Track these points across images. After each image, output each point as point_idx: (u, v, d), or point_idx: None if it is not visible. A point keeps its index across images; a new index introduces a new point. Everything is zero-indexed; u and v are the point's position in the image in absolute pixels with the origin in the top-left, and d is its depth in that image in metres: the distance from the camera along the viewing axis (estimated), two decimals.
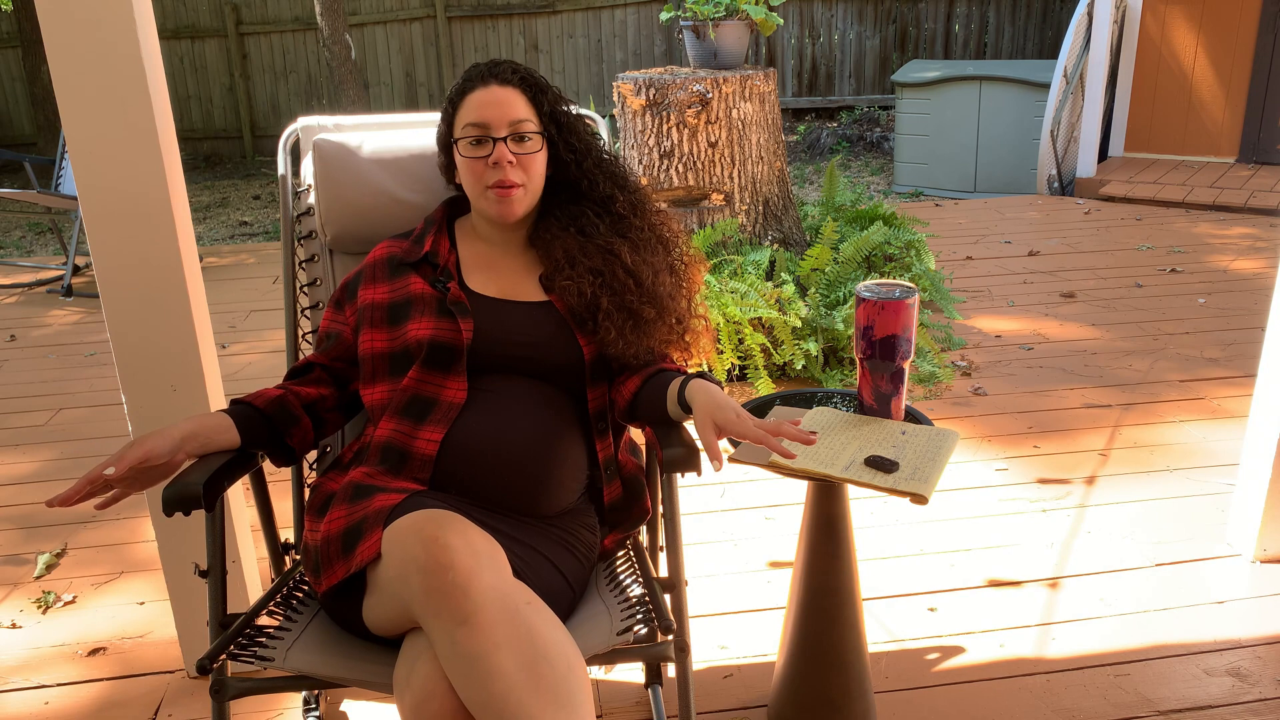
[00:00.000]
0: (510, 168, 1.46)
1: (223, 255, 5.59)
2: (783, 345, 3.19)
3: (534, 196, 1.52)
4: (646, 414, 1.44)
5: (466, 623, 1.10)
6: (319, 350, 1.57)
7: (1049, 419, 2.98)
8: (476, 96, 1.47)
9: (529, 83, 1.50)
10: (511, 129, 1.46)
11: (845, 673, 1.63)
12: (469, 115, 1.47)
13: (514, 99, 1.47)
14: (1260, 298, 4.04)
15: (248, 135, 9.34)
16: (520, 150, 1.47)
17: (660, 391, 1.42)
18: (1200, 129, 6.40)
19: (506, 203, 1.47)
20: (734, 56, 3.81)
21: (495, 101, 1.46)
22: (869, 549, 2.32)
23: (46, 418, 3.30)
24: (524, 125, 1.47)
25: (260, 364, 3.74)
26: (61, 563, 2.39)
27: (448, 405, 1.40)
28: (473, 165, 1.47)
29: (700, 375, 1.42)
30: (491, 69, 1.49)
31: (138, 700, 1.88)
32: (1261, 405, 2.18)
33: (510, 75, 1.49)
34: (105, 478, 1.29)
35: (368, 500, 1.32)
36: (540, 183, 1.52)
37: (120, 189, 1.65)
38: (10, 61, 9.12)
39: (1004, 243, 5.05)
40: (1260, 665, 1.88)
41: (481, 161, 1.47)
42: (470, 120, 1.46)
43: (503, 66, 1.49)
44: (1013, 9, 9.26)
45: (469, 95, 1.48)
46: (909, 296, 1.48)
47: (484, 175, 1.47)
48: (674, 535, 1.44)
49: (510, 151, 1.46)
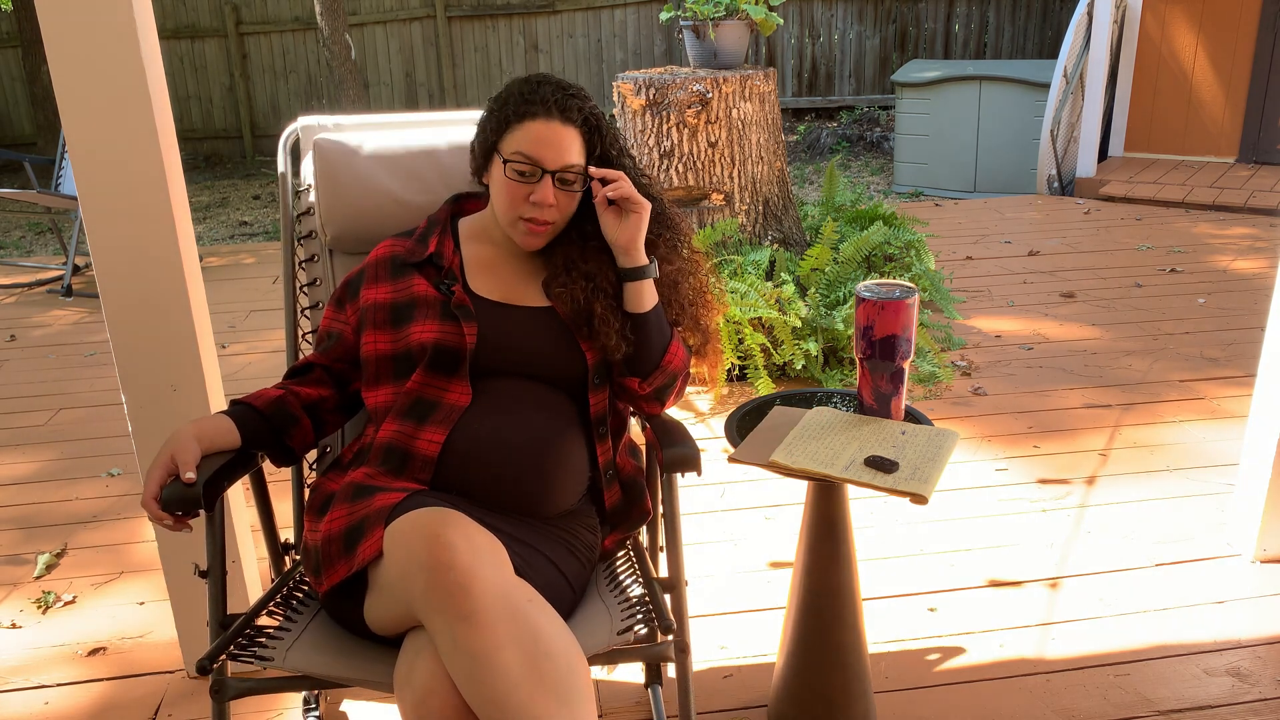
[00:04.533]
0: (548, 209, 1.45)
1: (223, 255, 5.59)
2: (783, 345, 3.19)
3: (559, 231, 1.51)
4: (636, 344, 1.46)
5: (468, 620, 1.10)
6: (319, 350, 1.56)
7: (1049, 419, 2.98)
8: (538, 127, 1.43)
9: (590, 124, 1.47)
10: (562, 171, 1.44)
11: (845, 673, 1.63)
12: (524, 144, 1.43)
13: (573, 141, 1.45)
14: (1260, 298, 4.04)
15: (248, 135, 9.33)
16: (563, 190, 1.46)
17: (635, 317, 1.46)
18: (1200, 129, 6.40)
19: (535, 237, 1.48)
20: (734, 56, 3.81)
21: (555, 141, 1.43)
22: (869, 549, 2.32)
23: (46, 418, 3.30)
24: (574, 169, 1.45)
25: (260, 364, 3.74)
26: (61, 563, 2.39)
27: (450, 407, 1.40)
28: (513, 191, 1.45)
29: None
30: (560, 103, 1.44)
31: (138, 701, 1.88)
32: (1261, 405, 2.18)
33: (576, 115, 1.45)
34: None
35: (369, 499, 1.32)
36: (568, 220, 1.51)
37: (120, 189, 1.65)
38: (10, 61, 9.12)
39: (1004, 243, 5.05)
40: (1260, 665, 1.88)
41: (523, 191, 1.45)
42: (524, 150, 1.43)
43: (571, 104, 1.45)
44: (1013, 9, 9.26)
45: (530, 121, 1.43)
46: (909, 296, 1.48)
47: (521, 206, 1.45)
48: (674, 535, 1.44)
49: (553, 192, 1.44)
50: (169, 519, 1.33)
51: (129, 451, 2.99)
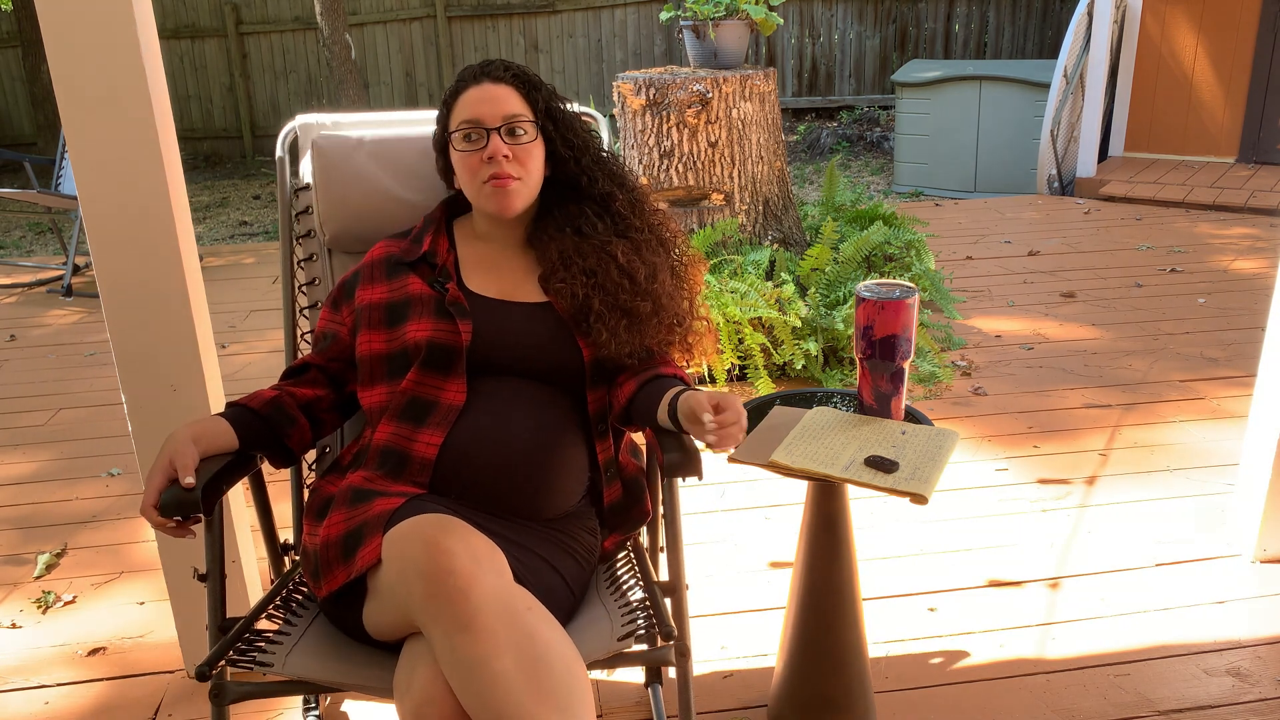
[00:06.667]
0: (506, 161, 1.45)
1: (223, 255, 5.59)
2: (783, 345, 3.19)
3: (532, 191, 1.51)
4: (641, 419, 1.44)
5: (467, 627, 1.09)
6: (315, 350, 1.56)
7: (1049, 419, 2.98)
8: (469, 94, 1.48)
9: (522, 79, 1.50)
10: (505, 123, 1.46)
11: (845, 673, 1.63)
12: (462, 113, 1.47)
13: (507, 95, 1.48)
14: (1260, 298, 4.03)
15: (248, 135, 9.33)
16: (514, 143, 1.47)
17: (655, 400, 1.41)
18: (1200, 129, 6.40)
19: (504, 194, 1.46)
20: (734, 56, 3.81)
21: (488, 98, 1.46)
22: (869, 549, 2.32)
23: (46, 418, 3.30)
24: (518, 119, 1.47)
25: (260, 364, 3.74)
26: (61, 563, 2.38)
27: (447, 408, 1.40)
28: (467, 160, 1.47)
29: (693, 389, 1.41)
30: (483, 68, 1.49)
31: (137, 701, 1.88)
32: (1261, 405, 2.18)
33: (502, 72, 1.49)
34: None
35: (367, 505, 1.31)
36: (538, 178, 1.51)
37: (120, 189, 1.64)
38: (10, 61, 9.12)
39: (1004, 243, 5.05)
40: (1260, 665, 1.88)
41: (476, 156, 1.46)
42: (464, 118, 1.47)
43: (494, 65, 1.50)
44: (1013, 9, 9.26)
45: (462, 95, 1.49)
46: (909, 296, 1.48)
47: (479, 170, 1.46)
48: (674, 537, 1.43)
49: (505, 145, 1.45)
50: (170, 525, 1.32)
51: (129, 451, 2.99)
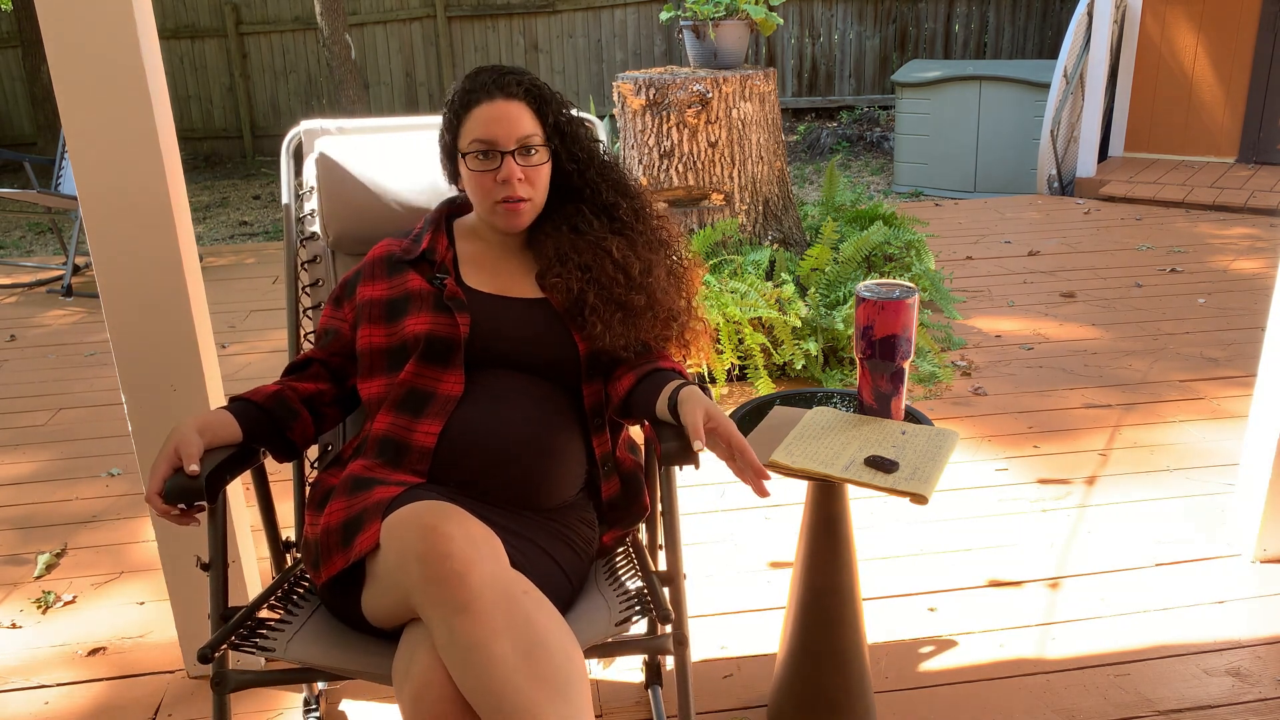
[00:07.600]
0: (519, 184, 1.47)
1: (223, 255, 5.59)
2: (783, 345, 3.19)
3: (539, 206, 1.53)
4: (640, 412, 1.45)
5: (464, 611, 1.11)
6: (318, 346, 1.58)
7: (1049, 419, 2.98)
8: (483, 111, 1.46)
9: (534, 94, 1.50)
10: (519, 144, 1.47)
11: (845, 672, 1.63)
12: (476, 130, 1.46)
13: (520, 113, 1.47)
14: (1260, 298, 4.04)
15: (248, 135, 9.33)
16: (527, 164, 1.48)
17: (653, 393, 1.42)
18: (1200, 129, 6.40)
19: (515, 216, 1.49)
20: (734, 56, 3.81)
21: (503, 117, 1.46)
22: (869, 549, 2.32)
23: (46, 418, 3.30)
24: (530, 140, 1.48)
25: (260, 364, 3.74)
26: (61, 563, 2.39)
27: (445, 398, 1.42)
28: (481, 180, 1.48)
29: (693, 384, 1.42)
30: (498, 82, 1.48)
31: (137, 701, 1.88)
32: (1261, 405, 2.18)
33: (516, 88, 1.48)
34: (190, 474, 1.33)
35: (367, 492, 1.34)
36: (545, 193, 1.53)
37: (120, 189, 1.65)
38: (10, 61, 9.12)
39: (1004, 243, 5.05)
40: (1260, 665, 1.88)
41: (490, 176, 1.47)
42: (477, 136, 1.46)
43: (508, 80, 1.48)
44: (1013, 9, 9.26)
45: (475, 109, 1.47)
46: (909, 296, 1.48)
47: (493, 190, 1.48)
48: (672, 530, 1.45)
49: (519, 168, 1.46)
50: (174, 512, 1.34)
51: (129, 451, 2.99)
